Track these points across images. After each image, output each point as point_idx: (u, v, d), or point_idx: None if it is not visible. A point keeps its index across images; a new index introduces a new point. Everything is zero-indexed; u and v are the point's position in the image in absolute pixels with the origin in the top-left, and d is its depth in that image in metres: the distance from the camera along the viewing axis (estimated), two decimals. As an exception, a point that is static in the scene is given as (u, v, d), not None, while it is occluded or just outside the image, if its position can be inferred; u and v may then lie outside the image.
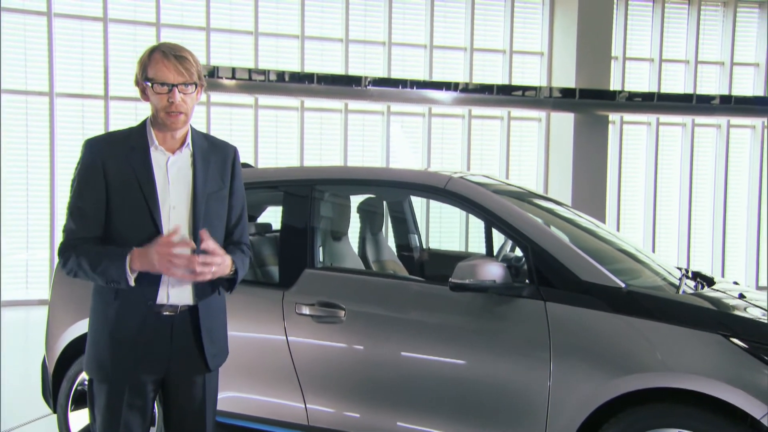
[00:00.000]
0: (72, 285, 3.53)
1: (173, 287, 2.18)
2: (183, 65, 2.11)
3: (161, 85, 2.10)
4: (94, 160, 2.17)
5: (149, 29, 8.84)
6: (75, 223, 2.18)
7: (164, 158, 2.20)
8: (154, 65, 2.11)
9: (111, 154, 2.17)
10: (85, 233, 2.17)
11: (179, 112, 2.14)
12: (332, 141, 9.44)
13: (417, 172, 3.24)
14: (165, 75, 2.10)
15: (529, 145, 10.02)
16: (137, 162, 2.16)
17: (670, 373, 2.36)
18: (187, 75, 2.12)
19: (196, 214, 2.19)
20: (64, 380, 3.50)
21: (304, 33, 9.25)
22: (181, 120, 2.16)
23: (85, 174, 2.18)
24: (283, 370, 3.05)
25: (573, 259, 2.68)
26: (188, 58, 2.13)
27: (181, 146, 2.23)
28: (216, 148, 2.32)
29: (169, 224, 2.16)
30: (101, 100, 8.77)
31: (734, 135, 10.51)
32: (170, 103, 2.12)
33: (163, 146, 2.21)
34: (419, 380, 2.81)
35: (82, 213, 2.17)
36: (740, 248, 10.63)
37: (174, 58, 2.10)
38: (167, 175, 2.19)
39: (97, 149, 2.19)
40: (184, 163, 2.23)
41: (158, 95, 2.12)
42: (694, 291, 2.82)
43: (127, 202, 2.15)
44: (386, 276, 3.55)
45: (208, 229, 2.19)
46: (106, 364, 2.18)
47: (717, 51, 10.39)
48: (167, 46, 2.15)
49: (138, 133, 2.22)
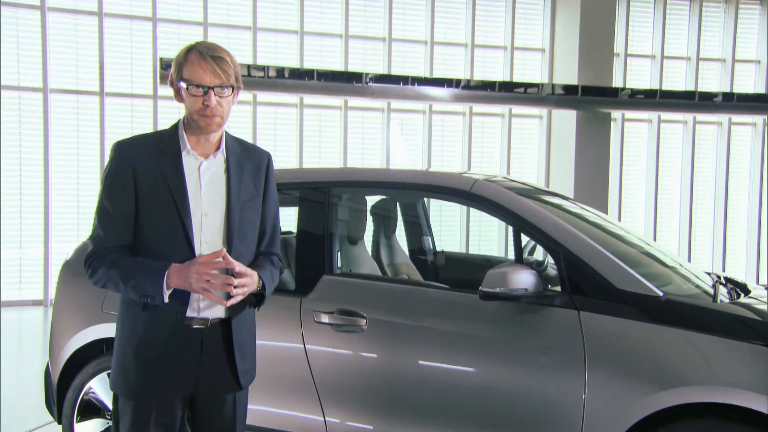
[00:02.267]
0: (79, 288, 3.40)
1: (204, 300, 2.07)
2: (220, 66, 2.00)
3: (197, 87, 1.99)
4: (123, 164, 2.05)
5: (146, 24, 8.67)
6: (104, 230, 2.06)
7: (197, 163, 2.09)
8: (190, 66, 2.00)
9: (141, 157, 2.05)
10: (114, 241, 2.05)
11: (214, 115, 2.03)
12: (331, 139, 9.31)
13: (440, 174, 3.12)
14: (201, 77, 1.99)
15: (530, 143, 9.93)
16: (168, 166, 2.05)
17: (716, 388, 2.25)
18: (224, 77, 2.01)
19: (231, 222, 2.08)
20: (70, 390, 3.37)
21: (303, 28, 9.10)
22: (216, 123, 2.05)
23: (114, 179, 2.06)
24: (300, 381, 2.93)
25: (608, 267, 2.57)
26: (226, 59, 2.02)
27: (215, 151, 2.12)
28: (250, 153, 2.21)
29: (201, 233, 2.05)
30: (96, 96, 8.60)
31: (735, 132, 10.47)
32: (205, 107, 2.01)
33: (195, 150, 2.10)
34: (445, 393, 2.70)
35: (111, 220, 2.05)
36: (741, 245, 10.60)
37: (211, 59, 1.99)
38: (199, 180, 2.08)
39: (127, 152, 2.06)
40: (217, 168, 2.12)
41: (193, 97, 2.01)
42: (729, 299, 2.72)
43: (156, 208, 2.03)
44: (409, 283, 3.43)
45: (242, 238, 2.10)
46: (132, 379, 2.07)
47: (718, 48, 10.33)
48: (204, 45, 2.03)
49: (170, 136, 2.11)
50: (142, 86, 8.76)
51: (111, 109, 8.66)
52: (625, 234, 3.25)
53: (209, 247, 2.05)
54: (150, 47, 8.68)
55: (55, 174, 8.49)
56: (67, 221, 8.59)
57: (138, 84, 8.76)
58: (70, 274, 3.50)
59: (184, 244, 2.01)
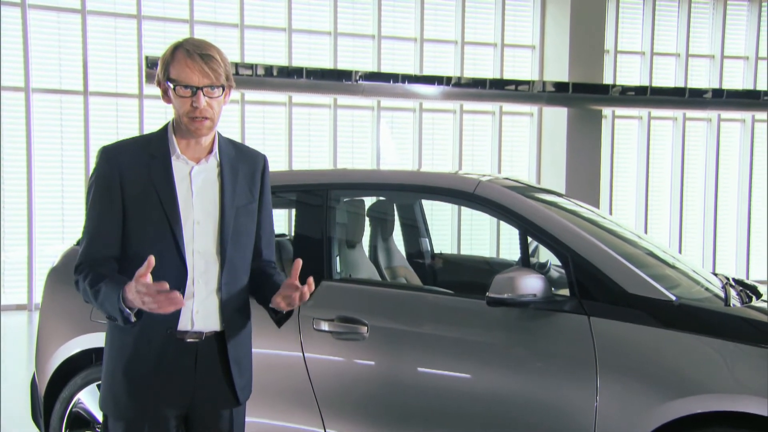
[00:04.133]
0: (66, 295, 3.28)
1: (198, 312, 1.95)
2: (209, 65, 1.86)
3: (184, 88, 1.86)
4: (110, 171, 1.92)
5: (131, 21, 8.50)
6: (90, 241, 1.94)
7: (187, 168, 1.97)
8: (177, 64, 1.87)
9: (129, 163, 1.93)
10: (102, 253, 1.92)
11: (204, 117, 1.89)
12: (321, 138, 9.19)
13: (442, 175, 3.03)
14: (188, 76, 1.85)
15: (521, 141, 9.87)
16: (157, 172, 1.92)
17: (738, 396, 2.18)
18: (214, 77, 1.87)
19: (224, 230, 1.96)
20: (58, 402, 3.25)
21: (292, 25, 8.97)
22: (206, 126, 1.92)
23: (100, 187, 1.93)
24: (299, 392, 2.83)
25: (619, 270, 2.49)
26: (215, 56, 1.89)
27: (208, 154, 2.00)
28: (244, 156, 2.09)
29: (193, 243, 1.93)
30: (80, 95, 8.41)
31: (725, 128, 10.49)
32: (194, 108, 1.88)
33: (186, 154, 1.97)
34: (451, 403, 2.61)
35: (98, 230, 1.92)
36: (731, 240, 10.62)
37: (199, 57, 1.86)
38: (191, 187, 1.95)
39: (114, 158, 1.93)
40: (210, 173, 1.99)
41: (181, 98, 1.88)
42: (740, 302, 2.65)
43: (145, 217, 1.91)
44: (412, 288, 3.33)
45: (236, 247, 1.98)
46: (122, 398, 1.94)
47: (707, 44, 10.33)
48: (192, 43, 1.90)
49: (159, 140, 1.97)
50: (127, 85, 8.59)
51: (95, 108, 8.49)
52: (631, 236, 3.18)
53: (202, 258, 1.93)
54: (135, 45, 8.51)
55: (38, 175, 8.31)
56: (52, 223, 8.41)
57: (123, 83, 8.60)
58: (57, 281, 3.38)
59: (175, 255, 1.89)
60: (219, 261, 1.97)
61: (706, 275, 3.02)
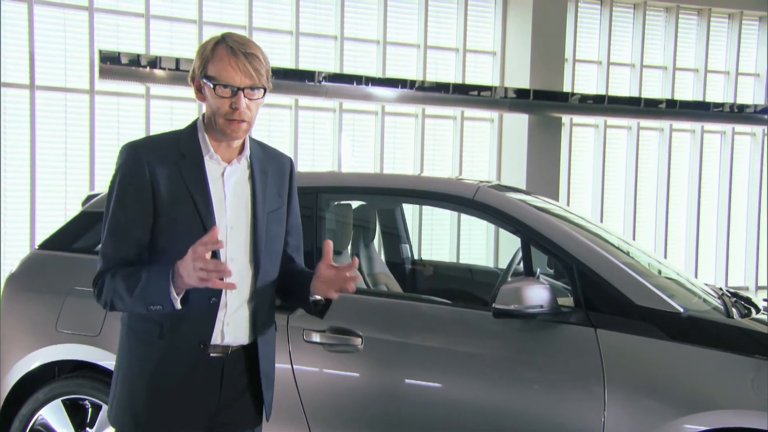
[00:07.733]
0: (27, 304, 3.11)
1: (228, 324, 1.81)
2: (253, 65, 1.75)
3: (224, 88, 1.74)
4: (138, 169, 1.77)
5: (82, 13, 8.11)
6: (114, 245, 1.76)
7: (219, 169, 1.84)
8: (218, 62, 1.75)
9: (158, 161, 1.77)
10: (129, 257, 1.76)
11: (242, 120, 1.77)
12: (281, 140, 8.98)
13: (440, 180, 2.94)
14: (230, 76, 1.73)
15: (482, 146, 9.89)
16: (190, 172, 1.78)
17: (752, 412, 2.15)
18: (257, 77, 1.76)
19: (257, 236, 1.84)
20: (16, 419, 3.04)
21: (252, 24, 8.74)
22: (243, 129, 1.80)
23: (127, 185, 1.77)
24: (288, 407, 2.68)
25: (626, 282, 2.45)
26: (258, 56, 1.77)
27: (239, 155, 1.87)
28: (272, 158, 1.97)
29: (227, 249, 1.79)
30: (26, 89, 7.97)
31: (676, 138, 10.77)
32: (233, 110, 1.75)
33: (217, 154, 1.84)
34: (451, 418, 2.51)
35: (126, 233, 1.76)
36: (681, 246, 10.90)
37: (243, 56, 1.74)
38: (224, 189, 1.83)
39: (143, 155, 1.78)
40: (241, 175, 1.87)
41: (220, 99, 1.76)
42: (739, 314, 2.64)
43: (177, 220, 1.77)
44: (409, 298, 3.22)
45: (269, 255, 1.87)
46: (142, 417, 1.78)
47: (660, 56, 10.59)
48: (235, 39, 1.77)
49: (188, 138, 1.84)
50: (77, 80, 8.19)
51: (42, 103, 8.06)
52: (627, 247, 3.15)
53: (236, 265, 1.80)
54: (87, 38, 8.13)
55: (9, 172, 7.83)
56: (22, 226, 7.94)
57: (73, 78, 8.19)
58: (17, 289, 3.16)
59: None
60: (252, 269, 1.85)
61: (701, 286, 3.01)
